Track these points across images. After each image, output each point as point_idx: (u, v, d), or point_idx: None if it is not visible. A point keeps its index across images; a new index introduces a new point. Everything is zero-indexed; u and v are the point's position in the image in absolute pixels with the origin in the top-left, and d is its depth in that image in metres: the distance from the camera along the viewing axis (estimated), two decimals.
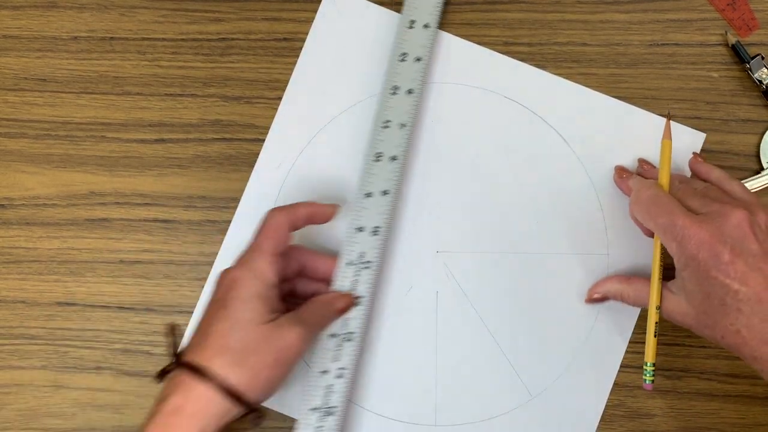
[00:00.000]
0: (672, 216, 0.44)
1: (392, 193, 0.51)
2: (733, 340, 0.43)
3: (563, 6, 0.55)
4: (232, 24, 0.55)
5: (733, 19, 0.55)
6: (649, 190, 0.46)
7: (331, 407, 0.48)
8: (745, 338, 0.42)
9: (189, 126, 0.54)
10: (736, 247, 0.42)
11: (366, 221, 0.51)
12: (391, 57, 0.53)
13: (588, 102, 0.54)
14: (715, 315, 0.43)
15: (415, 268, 0.53)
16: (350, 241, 0.51)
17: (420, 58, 0.52)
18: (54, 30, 0.55)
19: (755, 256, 0.42)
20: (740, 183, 0.48)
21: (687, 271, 0.44)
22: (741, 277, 0.42)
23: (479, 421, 0.52)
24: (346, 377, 0.49)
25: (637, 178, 0.50)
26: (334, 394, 0.48)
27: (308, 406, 0.48)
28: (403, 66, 0.53)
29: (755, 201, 0.46)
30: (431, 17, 0.53)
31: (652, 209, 0.45)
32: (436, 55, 0.55)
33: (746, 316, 0.42)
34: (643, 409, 0.53)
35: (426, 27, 0.53)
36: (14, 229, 0.54)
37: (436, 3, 0.53)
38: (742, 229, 0.43)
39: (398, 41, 0.53)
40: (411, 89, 0.52)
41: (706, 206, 0.45)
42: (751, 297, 0.42)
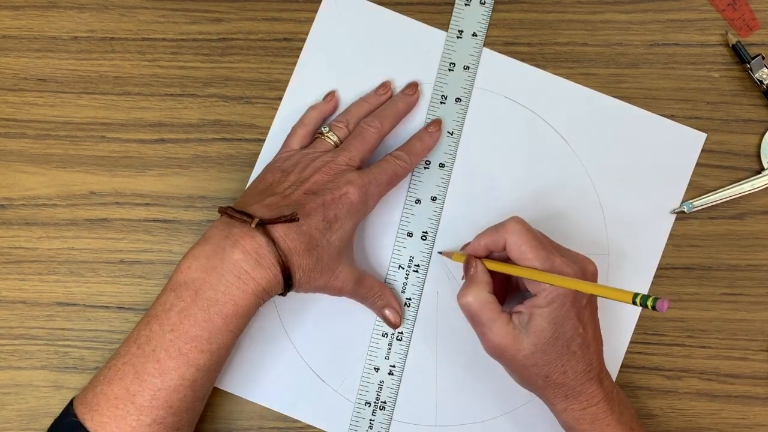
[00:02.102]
0: (551, 254, 0.44)
1: (440, 198, 0.53)
2: (556, 380, 0.45)
3: (563, 6, 0.55)
4: (232, 24, 0.55)
5: (733, 19, 0.55)
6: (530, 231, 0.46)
7: (384, 402, 0.52)
8: (567, 379, 0.45)
9: (189, 126, 0.54)
10: (590, 294, 0.45)
11: (414, 227, 0.53)
12: (440, 67, 0.54)
13: (588, 102, 0.54)
14: (552, 355, 0.44)
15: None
16: (400, 246, 0.53)
17: (468, 66, 0.54)
18: (54, 30, 0.55)
19: (593, 304, 0.46)
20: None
21: (550, 307, 0.44)
22: (585, 323, 0.45)
23: (479, 421, 0.52)
24: (397, 374, 0.52)
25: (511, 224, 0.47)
26: (386, 392, 0.52)
27: (362, 401, 0.52)
28: (451, 75, 0.54)
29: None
30: (479, 26, 0.54)
31: (534, 242, 0.45)
32: (436, 54, 0.55)
33: (576, 359, 0.45)
34: (643, 409, 0.53)
35: (474, 36, 0.53)
36: (14, 229, 0.53)
37: (484, 12, 0.54)
38: (595, 278, 0.47)
39: (447, 51, 0.54)
40: (459, 97, 0.54)
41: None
42: (585, 341, 0.45)
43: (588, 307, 0.46)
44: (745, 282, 0.54)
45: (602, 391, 0.45)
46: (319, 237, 0.45)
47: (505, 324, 0.45)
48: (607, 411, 0.45)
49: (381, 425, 0.52)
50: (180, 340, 0.42)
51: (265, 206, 0.45)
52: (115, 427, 0.41)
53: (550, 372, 0.45)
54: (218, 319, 0.43)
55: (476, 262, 0.47)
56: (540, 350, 0.44)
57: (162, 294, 0.44)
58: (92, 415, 0.42)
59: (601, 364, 0.46)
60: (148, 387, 0.42)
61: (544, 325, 0.44)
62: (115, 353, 0.44)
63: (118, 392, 0.42)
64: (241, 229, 0.43)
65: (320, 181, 0.47)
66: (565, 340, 0.44)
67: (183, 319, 0.42)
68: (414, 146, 0.52)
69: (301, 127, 0.52)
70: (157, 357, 0.42)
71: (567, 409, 0.46)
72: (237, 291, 0.43)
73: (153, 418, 0.42)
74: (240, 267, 0.43)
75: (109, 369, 0.43)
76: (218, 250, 0.43)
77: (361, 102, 0.53)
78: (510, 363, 0.46)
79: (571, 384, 0.45)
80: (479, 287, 0.46)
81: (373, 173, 0.49)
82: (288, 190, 0.46)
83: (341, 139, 0.50)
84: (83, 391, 0.44)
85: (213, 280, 0.42)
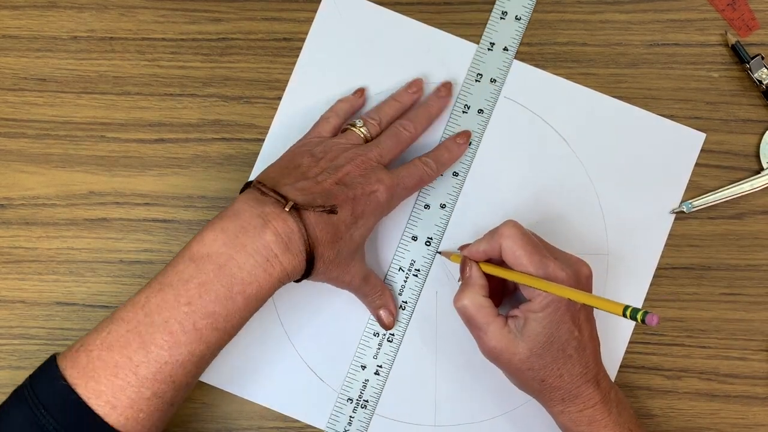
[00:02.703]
0: (545, 258, 0.44)
1: (449, 207, 0.53)
2: (552, 383, 0.45)
3: (563, 6, 0.55)
4: (232, 24, 0.55)
5: (733, 19, 0.55)
6: (525, 235, 0.46)
7: (366, 401, 0.52)
8: (564, 382, 0.45)
9: (189, 126, 0.54)
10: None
11: (420, 231, 0.53)
12: (467, 78, 0.54)
13: (588, 102, 0.54)
14: (548, 359, 0.44)
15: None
16: (403, 249, 0.53)
17: (495, 79, 0.53)
18: (54, 30, 0.55)
19: (587, 307, 0.46)
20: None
21: (545, 312, 0.44)
22: (580, 325, 0.45)
23: (478, 421, 0.52)
24: (383, 375, 0.52)
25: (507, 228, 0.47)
26: (370, 391, 0.52)
27: (344, 398, 0.51)
28: (477, 86, 0.54)
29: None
30: (511, 41, 0.54)
31: (529, 247, 0.45)
32: (436, 54, 0.55)
33: (572, 362, 0.45)
34: (643, 409, 0.53)
35: (505, 50, 0.54)
36: (14, 229, 0.53)
37: (517, 28, 0.54)
38: (590, 281, 0.47)
39: (475, 62, 0.54)
40: (482, 109, 0.53)
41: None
42: (581, 344, 0.45)
43: (583, 309, 0.46)
44: (744, 282, 0.54)
45: (599, 393, 0.45)
46: (344, 230, 0.45)
47: (500, 328, 0.45)
48: (604, 413, 0.45)
49: (360, 423, 0.52)
50: (196, 314, 0.40)
51: (298, 190, 0.44)
52: (112, 396, 0.39)
53: (546, 376, 0.45)
54: (240, 299, 0.41)
55: (471, 264, 0.47)
56: (536, 354, 0.44)
57: (178, 262, 0.42)
58: (86, 381, 0.39)
59: (598, 366, 0.46)
60: (154, 359, 0.40)
61: (539, 329, 0.44)
62: (115, 317, 0.41)
63: (120, 360, 0.39)
64: (273, 210, 0.42)
65: (352, 173, 0.46)
66: (560, 343, 0.44)
67: (203, 293, 0.40)
68: (442, 155, 0.52)
69: (334, 116, 0.51)
70: (170, 329, 0.40)
71: (564, 412, 0.46)
72: (263, 273, 0.41)
73: (153, 392, 0.40)
74: (270, 249, 0.41)
75: (108, 333, 0.40)
76: (248, 228, 0.42)
77: (392, 101, 0.52)
78: (506, 366, 0.46)
79: (567, 387, 0.45)
80: (474, 290, 0.46)
81: (402, 175, 0.48)
82: (320, 176, 0.45)
83: (372, 135, 0.50)
84: (72, 353, 0.41)
85: (240, 257, 0.41)
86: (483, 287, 0.46)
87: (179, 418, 0.52)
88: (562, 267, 0.44)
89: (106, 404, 0.39)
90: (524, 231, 0.45)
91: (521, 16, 0.54)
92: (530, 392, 0.47)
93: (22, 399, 0.40)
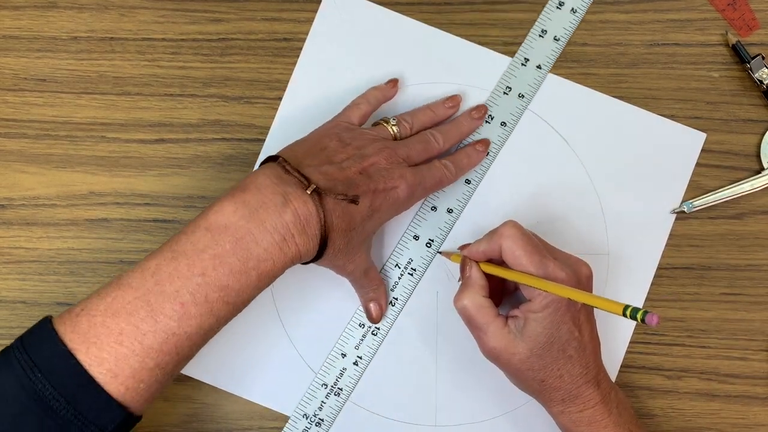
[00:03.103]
0: (545, 258, 0.44)
1: (456, 212, 0.53)
2: (552, 384, 0.45)
3: None
4: (232, 24, 0.55)
5: (733, 19, 0.55)
6: (524, 234, 0.45)
7: (340, 389, 0.52)
8: (564, 383, 0.45)
9: (189, 126, 0.54)
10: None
11: (423, 231, 0.53)
12: (496, 89, 0.54)
13: (588, 102, 0.54)
14: (548, 359, 0.44)
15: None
16: (403, 246, 0.53)
17: (523, 95, 0.53)
18: (54, 30, 0.55)
19: (588, 307, 0.46)
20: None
21: (544, 312, 0.44)
22: (581, 326, 0.45)
23: (479, 421, 0.52)
24: (362, 366, 0.52)
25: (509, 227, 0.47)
26: (346, 379, 0.52)
27: (319, 383, 0.51)
28: (504, 98, 0.54)
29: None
30: (546, 60, 0.54)
31: (529, 247, 0.44)
32: (436, 54, 0.55)
33: (572, 363, 0.44)
34: (643, 409, 0.53)
35: (538, 68, 0.54)
36: (14, 229, 0.53)
37: (554, 48, 0.54)
38: (590, 281, 0.47)
39: (507, 75, 0.54)
40: (504, 121, 0.53)
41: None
42: (581, 344, 0.45)
43: (583, 309, 0.46)
44: (744, 282, 0.54)
45: (599, 394, 0.45)
46: (358, 221, 0.44)
47: (500, 328, 0.45)
48: (604, 413, 0.45)
49: (331, 409, 0.52)
50: (209, 286, 0.39)
51: (321, 173, 0.43)
52: (114, 365, 0.37)
53: (546, 376, 0.45)
54: (254, 275, 0.40)
55: (471, 264, 0.47)
56: (535, 355, 0.44)
57: (193, 231, 0.40)
58: (87, 347, 0.37)
59: (598, 366, 0.46)
60: (162, 329, 0.38)
61: (539, 330, 0.44)
62: (121, 283, 0.39)
63: (125, 328, 0.38)
64: (295, 190, 0.42)
65: (377, 164, 0.46)
66: (560, 344, 0.44)
67: (217, 265, 0.39)
68: (462, 161, 0.52)
69: (365, 103, 0.51)
70: (181, 299, 0.38)
71: (564, 412, 0.46)
72: (278, 252, 0.41)
73: (157, 363, 0.38)
74: (288, 228, 0.41)
75: (113, 299, 0.38)
76: (269, 204, 0.41)
77: (427, 110, 0.52)
78: (506, 367, 0.46)
79: (567, 388, 0.45)
80: (474, 291, 0.46)
81: (424, 175, 0.48)
82: (345, 163, 0.45)
83: (402, 136, 0.50)
84: (72, 317, 0.39)
85: (258, 233, 0.40)
86: (483, 287, 0.46)
87: (179, 418, 0.52)
88: (561, 267, 0.44)
89: (108, 372, 0.37)
90: (524, 231, 0.45)
91: (560, 37, 0.54)
92: (530, 392, 0.47)
93: (10, 361, 0.38)
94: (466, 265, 0.48)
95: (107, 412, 0.37)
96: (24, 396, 0.37)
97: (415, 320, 0.53)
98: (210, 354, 0.52)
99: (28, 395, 0.37)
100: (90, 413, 0.37)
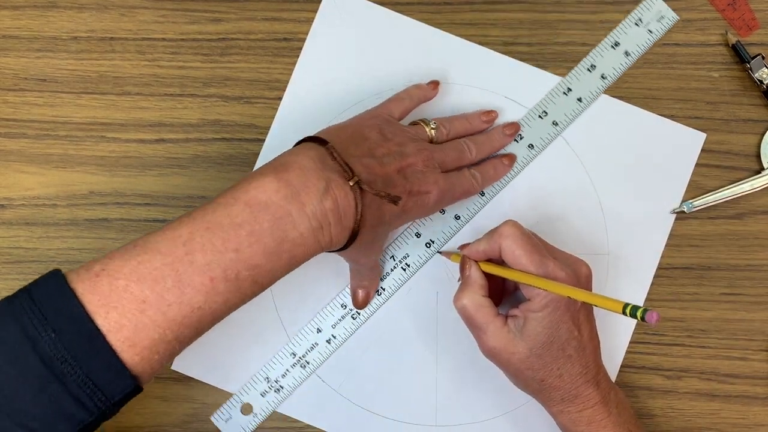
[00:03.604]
0: (545, 258, 0.44)
1: (463, 220, 0.53)
2: (551, 383, 0.45)
3: (563, 6, 0.55)
4: (232, 24, 0.55)
5: (733, 19, 0.55)
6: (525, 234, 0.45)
7: (307, 362, 0.52)
8: (563, 382, 0.45)
9: (189, 126, 0.54)
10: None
11: (425, 231, 0.53)
12: (532, 111, 0.54)
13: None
14: (547, 358, 0.44)
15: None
16: (403, 241, 0.53)
17: (557, 123, 0.53)
18: (54, 30, 0.55)
19: (588, 305, 0.46)
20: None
21: (545, 312, 0.44)
22: (580, 325, 0.45)
23: (479, 421, 0.52)
24: (333, 345, 0.52)
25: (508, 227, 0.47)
26: (315, 354, 0.52)
27: (289, 351, 0.52)
28: (538, 122, 0.54)
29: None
30: (589, 94, 0.54)
31: (529, 246, 0.44)
32: (436, 54, 0.55)
33: (572, 362, 0.45)
34: (643, 409, 0.53)
35: (579, 101, 0.54)
36: (14, 230, 0.53)
37: (599, 85, 0.54)
38: (589, 280, 0.46)
39: (546, 100, 0.54)
40: (533, 144, 0.53)
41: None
42: (581, 344, 0.45)
43: (583, 309, 0.46)
44: (744, 282, 0.54)
45: (599, 394, 0.45)
46: (387, 220, 0.44)
47: (499, 328, 0.45)
48: (604, 413, 0.45)
49: (293, 379, 0.52)
50: (241, 264, 0.37)
51: (363, 166, 0.42)
52: (133, 333, 0.35)
53: (546, 376, 0.45)
54: (285, 258, 0.39)
55: (471, 263, 0.47)
56: (535, 354, 0.44)
57: (231, 203, 0.38)
58: (107, 311, 0.35)
59: (597, 366, 0.46)
60: (188, 302, 0.36)
61: (539, 329, 0.44)
62: (148, 247, 0.37)
63: (150, 296, 0.35)
64: (337, 179, 0.40)
65: (415, 166, 0.45)
66: (560, 343, 0.44)
67: (253, 243, 0.37)
68: (488, 172, 0.52)
69: (408, 99, 0.51)
70: (211, 274, 0.36)
71: (563, 412, 0.46)
72: (312, 238, 0.39)
73: (176, 335, 0.36)
74: (326, 216, 0.39)
75: (139, 263, 0.36)
76: (311, 188, 0.39)
77: (463, 119, 0.52)
78: (505, 366, 0.46)
79: (567, 387, 0.45)
80: (474, 290, 0.46)
81: (454, 183, 0.48)
82: (386, 158, 0.44)
83: (438, 140, 0.50)
84: (91, 276, 0.35)
85: (298, 217, 0.39)
86: (482, 287, 0.46)
87: (179, 418, 0.52)
88: (561, 267, 0.44)
89: (126, 341, 0.35)
90: (524, 231, 0.45)
91: (607, 76, 0.54)
92: (530, 392, 0.47)
93: (18, 316, 0.34)
94: (465, 264, 0.48)
95: (118, 382, 0.35)
96: (31, 356, 0.34)
97: (415, 320, 0.53)
98: (210, 354, 0.52)
99: (35, 355, 0.34)
100: (100, 381, 0.34)
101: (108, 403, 0.35)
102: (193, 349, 0.40)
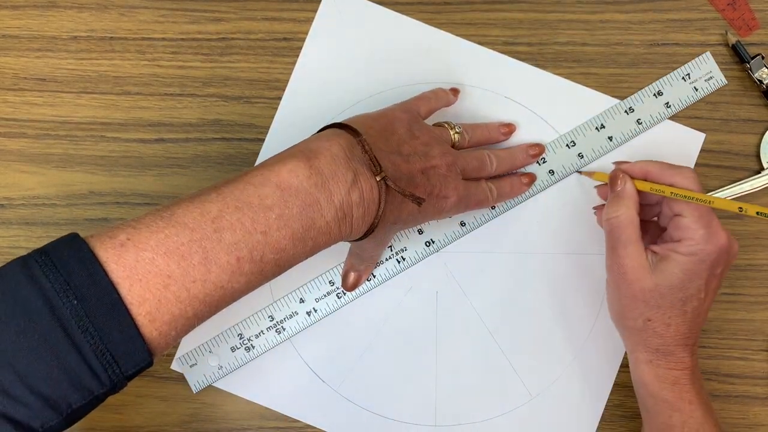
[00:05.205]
0: (711, 213, 0.44)
1: (468, 227, 0.53)
2: (656, 328, 0.45)
3: (563, 6, 0.55)
4: (232, 24, 0.55)
5: (733, 19, 0.55)
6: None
7: (284, 328, 0.52)
8: (668, 332, 0.44)
9: (189, 126, 0.54)
10: (723, 269, 0.45)
11: (428, 229, 0.53)
12: (560, 138, 0.54)
13: (588, 102, 0.54)
14: (667, 302, 0.44)
15: (415, 268, 0.53)
16: (403, 235, 0.53)
17: (583, 155, 0.53)
18: (53, 30, 0.55)
19: (722, 277, 0.46)
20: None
21: (690, 258, 0.44)
22: (709, 291, 0.45)
23: (479, 421, 0.52)
24: (312, 318, 0.52)
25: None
26: (293, 323, 0.52)
27: (267, 314, 0.52)
28: (564, 150, 0.53)
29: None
30: (621, 135, 0.53)
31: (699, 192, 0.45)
32: (436, 54, 0.55)
33: (684, 319, 0.44)
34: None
35: (610, 139, 0.53)
36: (14, 229, 0.53)
37: (633, 129, 0.53)
38: (730, 255, 0.45)
39: (575, 132, 0.54)
40: (554, 170, 0.53)
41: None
42: (701, 307, 0.45)
43: (719, 277, 0.45)
44: (744, 282, 0.54)
45: (692, 361, 0.45)
46: (403, 219, 0.44)
47: (640, 251, 0.45)
48: (689, 381, 0.45)
49: (266, 341, 0.52)
50: (268, 247, 0.37)
51: (390, 162, 0.42)
52: (155, 308, 0.34)
53: (656, 317, 0.44)
54: (310, 244, 0.39)
55: (626, 178, 0.46)
56: (659, 293, 0.44)
57: (263, 184, 0.38)
58: (131, 283, 0.34)
59: (697, 337, 0.46)
60: (212, 280, 0.35)
61: (676, 271, 0.44)
62: (175, 220, 0.35)
63: (175, 271, 0.34)
64: (365, 171, 0.40)
65: (438, 168, 0.45)
66: (685, 295, 0.44)
67: (281, 226, 0.37)
68: (504, 188, 0.51)
69: (435, 99, 0.51)
70: (238, 254, 0.36)
71: (653, 362, 0.45)
72: (336, 228, 0.39)
73: (195, 313, 0.36)
74: (351, 209, 0.39)
75: (166, 236, 0.35)
76: (340, 178, 0.39)
77: (484, 128, 0.52)
78: (624, 290, 0.45)
79: (668, 340, 0.44)
80: (629, 204, 0.45)
81: (471, 193, 0.48)
82: (412, 157, 0.44)
83: (459, 146, 0.50)
84: (117, 245, 0.34)
85: (325, 205, 0.39)
86: (637, 202, 0.46)
87: (179, 418, 0.52)
88: (724, 228, 0.44)
89: (147, 315, 0.34)
90: (700, 185, 0.45)
91: (643, 121, 0.53)
92: (628, 327, 0.46)
93: (36, 278, 0.33)
94: (618, 179, 0.47)
95: (135, 356, 0.34)
96: (49, 321, 0.32)
97: (415, 320, 0.53)
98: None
99: (54, 320, 0.32)
100: (118, 353, 0.34)
101: (121, 376, 0.34)
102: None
